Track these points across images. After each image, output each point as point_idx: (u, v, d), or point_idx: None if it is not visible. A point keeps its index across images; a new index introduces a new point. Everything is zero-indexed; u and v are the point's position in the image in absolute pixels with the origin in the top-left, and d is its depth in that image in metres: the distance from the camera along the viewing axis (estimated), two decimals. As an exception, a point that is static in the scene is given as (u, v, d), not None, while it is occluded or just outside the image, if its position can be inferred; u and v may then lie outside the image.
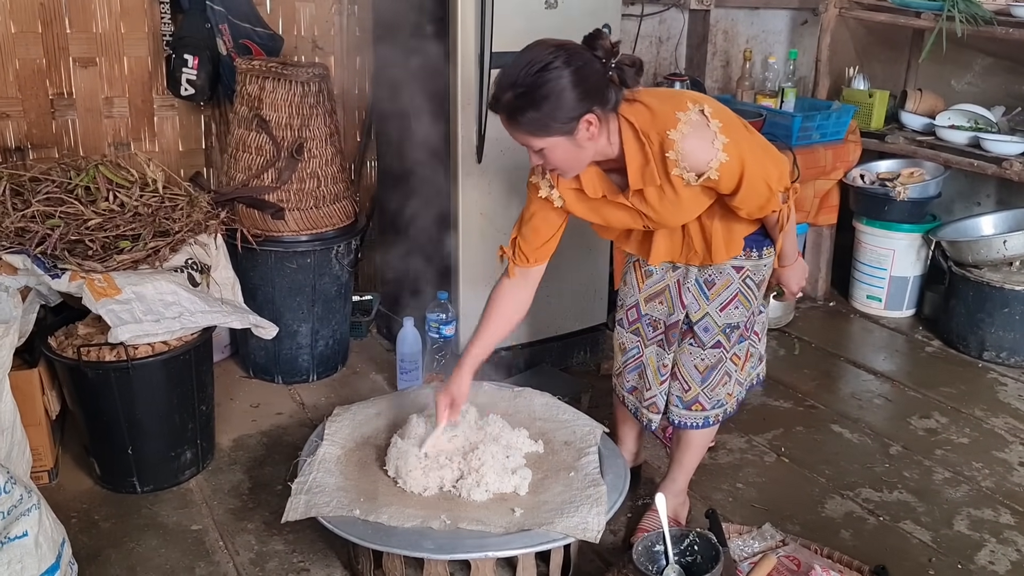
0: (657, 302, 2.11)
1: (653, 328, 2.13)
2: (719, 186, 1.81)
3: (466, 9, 2.53)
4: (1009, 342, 3.29)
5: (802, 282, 2.19)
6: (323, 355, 2.95)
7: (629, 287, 2.16)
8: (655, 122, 1.76)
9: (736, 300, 2.05)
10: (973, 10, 3.37)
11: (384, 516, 1.89)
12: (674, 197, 1.83)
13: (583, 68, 1.66)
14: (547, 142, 1.71)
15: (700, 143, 1.75)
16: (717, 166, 1.76)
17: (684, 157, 1.75)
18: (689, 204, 1.86)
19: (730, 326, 2.06)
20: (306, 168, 2.72)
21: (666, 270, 2.09)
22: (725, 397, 2.14)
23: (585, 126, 1.70)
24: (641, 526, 2.22)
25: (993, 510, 2.41)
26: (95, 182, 2.40)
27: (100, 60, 2.89)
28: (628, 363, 2.20)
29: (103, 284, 2.15)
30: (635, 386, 2.21)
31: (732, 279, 2.03)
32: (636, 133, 1.77)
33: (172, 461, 2.35)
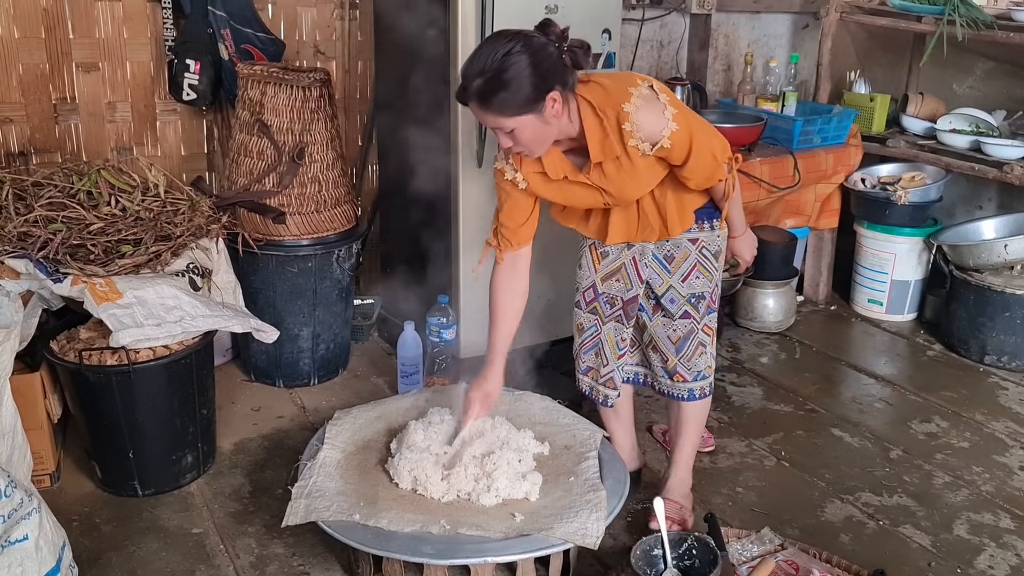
0: (614, 280, 2.22)
1: (611, 305, 2.24)
2: (671, 155, 1.94)
3: (466, 15, 2.54)
4: (1010, 346, 3.29)
5: (753, 251, 2.33)
6: (324, 359, 2.96)
7: (585, 270, 2.27)
8: (610, 98, 1.90)
9: (696, 271, 2.18)
10: (974, 14, 3.38)
11: (384, 520, 1.90)
12: (631, 168, 1.96)
13: (541, 50, 1.80)
14: (518, 121, 1.83)
15: (652, 114, 1.90)
16: (668, 134, 1.90)
17: (639, 128, 1.89)
18: (645, 175, 1.99)
19: (695, 296, 2.19)
20: (307, 172, 2.73)
21: (621, 249, 2.20)
22: (705, 369, 2.26)
23: (551, 103, 1.82)
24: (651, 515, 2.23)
25: (993, 514, 2.41)
26: (97, 187, 2.41)
27: (103, 65, 2.90)
28: (585, 343, 2.30)
29: (104, 288, 2.16)
30: (591, 366, 2.31)
31: (689, 251, 2.16)
32: (594, 110, 1.91)
33: (173, 465, 2.36)
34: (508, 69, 1.76)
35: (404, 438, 2.13)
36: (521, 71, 1.77)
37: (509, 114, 1.81)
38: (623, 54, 3.74)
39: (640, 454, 2.52)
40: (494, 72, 1.77)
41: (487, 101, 1.80)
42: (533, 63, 1.78)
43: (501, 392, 2.22)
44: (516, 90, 1.78)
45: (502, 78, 1.77)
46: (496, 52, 1.78)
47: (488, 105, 1.80)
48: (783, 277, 3.55)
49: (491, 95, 1.79)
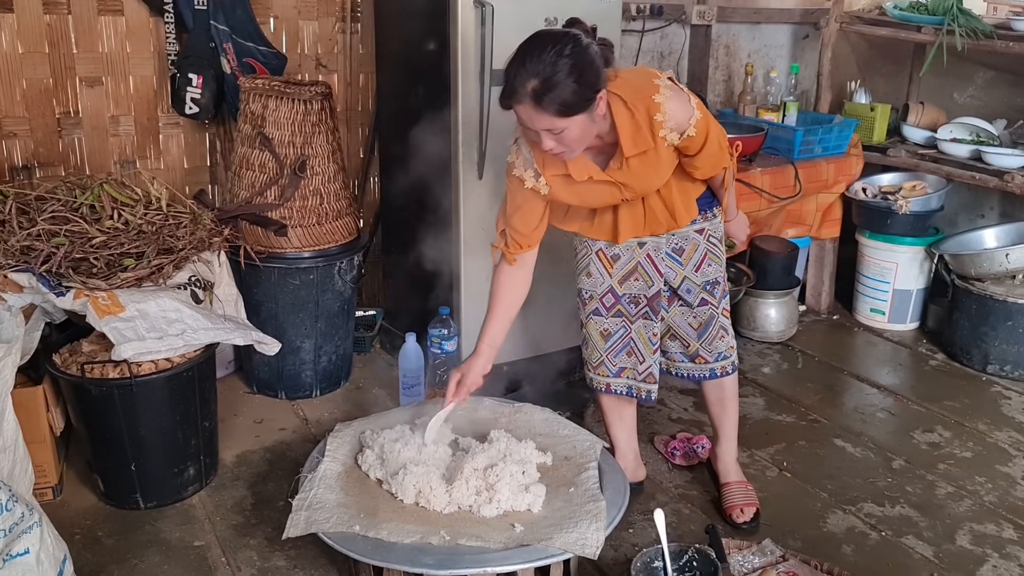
0: (632, 279, 2.24)
1: (635, 304, 2.25)
2: (693, 143, 1.99)
3: (466, 27, 2.56)
4: (1013, 355, 3.28)
5: (747, 230, 2.45)
6: (326, 371, 2.96)
7: (597, 277, 2.27)
8: (639, 91, 1.92)
9: (707, 259, 2.24)
10: (973, 24, 3.39)
11: (384, 532, 1.90)
12: (656, 160, 1.99)
13: (588, 49, 1.81)
14: (570, 122, 1.82)
15: (680, 104, 1.94)
16: (695, 123, 1.95)
17: (671, 117, 1.92)
18: (666, 166, 2.03)
19: (709, 282, 2.25)
20: (309, 185, 2.74)
21: (632, 248, 2.21)
22: (727, 350, 2.32)
23: (600, 101, 1.84)
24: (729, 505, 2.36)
25: (996, 525, 2.40)
26: (100, 200, 2.42)
27: (106, 79, 2.92)
28: (615, 346, 2.30)
29: (107, 302, 2.17)
30: (624, 366, 2.31)
31: (698, 242, 2.23)
32: (624, 103, 1.91)
33: (175, 477, 2.37)
34: (562, 70, 1.76)
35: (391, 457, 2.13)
36: (573, 71, 1.77)
37: (564, 114, 1.80)
38: (624, 66, 3.74)
39: (642, 464, 2.52)
40: (550, 73, 1.76)
41: (541, 102, 1.78)
42: (583, 63, 1.79)
43: (479, 382, 2.21)
44: (570, 90, 1.77)
45: (557, 79, 1.76)
46: (547, 53, 1.77)
47: (542, 106, 1.79)
48: (785, 287, 3.55)
49: (546, 95, 1.77)
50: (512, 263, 2.17)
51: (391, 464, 2.11)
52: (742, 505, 2.35)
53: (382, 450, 2.17)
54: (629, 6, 3.61)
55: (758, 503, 2.38)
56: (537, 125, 1.85)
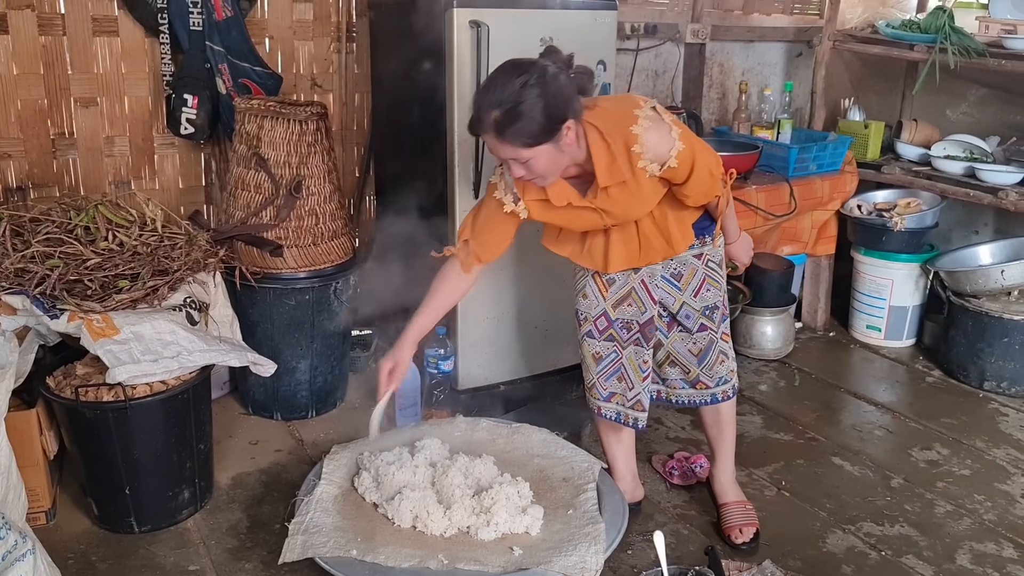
0: (626, 305, 2.22)
1: (627, 330, 2.23)
2: (676, 174, 1.96)
3: (462, 47, 2.56)
4: (1009, 372, 3.28)
5: (750, 252, 2.39)
6: (322, 391, 2.95)
7: (592, 299, 2.26)
8: (616, 121, 1.91)
9: (706, 283, 2.22)
10: (965, 42, 3.41)
11: (381, 556, 1.89)
12: (636, 190, 1.98)
13: (555, 79, 1.81)
14: (535, 152, 1.83)
15: (660, 135, 1.92)
16: (676, 154, 1.92)
17: (648, 149, 1.91)
18: (648, 195, 2.01)
19: (708, 307, 2.23)
20: (304, 205, 2.74)
21: (628, 274, 2.21)
22: (728, 374, 2.30)
23: (567, 131, 1.85)
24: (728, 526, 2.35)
25: (996, 544, 2.40)
26: (94, 222, 2.41)
27: (101, 100, 2.92)
28: (605, 370, 2.28)
29: (101, 324, 2.16)
30: (614, 391, 2.29)
31: (696, 267, 2.21)
32: (600, 134, 1.91)
33: (170, 501, 2.34)
34: (525, 100, 1.77)
35: (385, 480, 2.11)
36: (537, 102, 1.77)
37: (526, 145, 1.81)
38: (619, 84, 3.76)
39: (640, 484, 2.51)
40: (511, 104, 1.77)
41: (503, 133, 1.80)
42: (549, 93, 1.79)
43: (407, 367, 2.23)
44: (533, 121, 1.78)
45: (519, 109, 1.77)
46: (512, 83, 1.78)
47: (504, 137, 1.81)
48: (781, 304, 3.55)
49: (508, 127, 1.79)
50: (467, 272, 2.16)
51: (386, 488, 2.10)
52: (741, 525, 2.34)
53: (377, 473, 2.16)
54: (623, 25, 3.62)
55: (758, 523, 2.37)
56: (502, 155, 1.87)
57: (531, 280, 2.89)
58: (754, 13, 4.15)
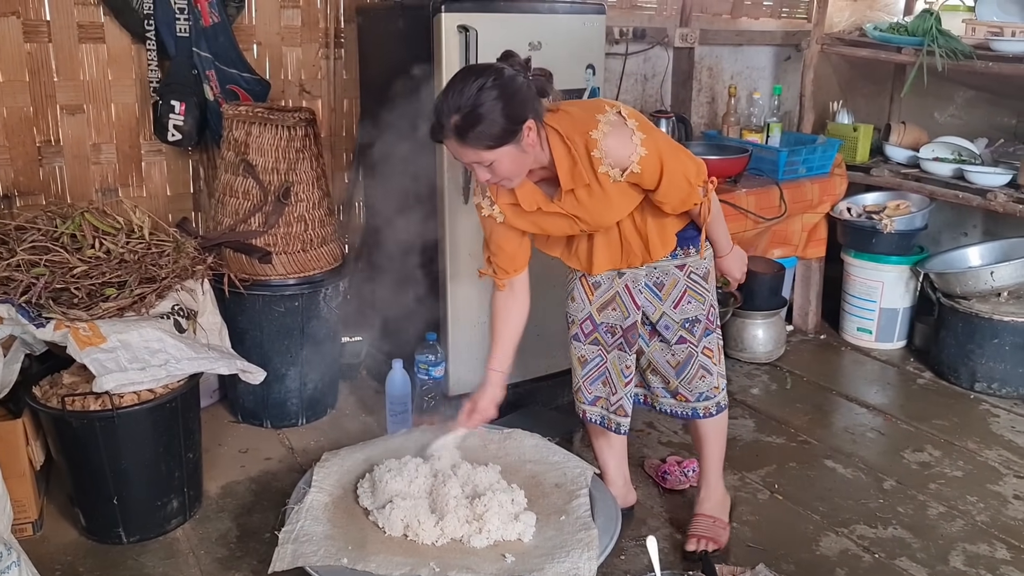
0: (610, 309, 2.21)
1: (611, 334, 2.22)
2: (642, 180, 1.96)
3: (450, 52, 2.55)
4: (1000, 373, 3.29)
5: (743, 267, 2.30)
6: (312, 398, 2.93)
7: (579, 302, 2.26)
8: (577, 126, 1.92)
9: (687, 296, 2.18)
10: (952, 45, 3.42)
11: (372, 564, 1.87)
12: (602, 195, 1.97)
13: (512, 81, 1.83)
14: (497, 153, 1.84)
15: (620, 140, 1.91)
16: (638, 159, 1.91)
17: (607, 154, 1.91)
18: (618, 200, 2.00)
19: (688, 320, 2.19)
20: (293, 212, 2.73)
21: (612, 278, 2.20)
22: (710, 390, 2.24)
23: (527, 132, 1.85)
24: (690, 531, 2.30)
25: (989, 545, 2.39)
26: (81, 230, 2.39)
27: (87, 107, 2.90)
28: (590, 374, 2.28)
29: (88, 333, 2.14)
30: (599, 395, 2.28)
31: (678, 278, 2.18)
32: (561, 138, 1.92)
33: (158, 510, 2.32)
34: (483, 103, 1.78)
35: (380, 487, 2.10)
36: (496, 103, 1.79)
37: (488, 147, 1.82)
38: (607, 88, 3.76)
39: (633, 489, 2.50)
40: (470, 107, 1.79)
41: (465, 136, 1.81)
42: (507, 94, 1.80)
43: (492, 411, 2.23)
44: (493, 123, 1.79)
45: (478, 112, 1.79)
46: (469, 87, 1.80)
47: (466, 140, 1.82)
48: (772, 307, 3.55)
49: (468, 130, 1.80)
50: (501, 288, 2.17)
51: (379, 495, 2.08)
52: (701, 536, 2.28)
53: (374, 479, 2.15)
54: (612, 29, 3.62)
55: (722, 542, 2.29)
56: (465, 159, 1.88)
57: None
58: (742, 17, 4.16)
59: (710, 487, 2.39)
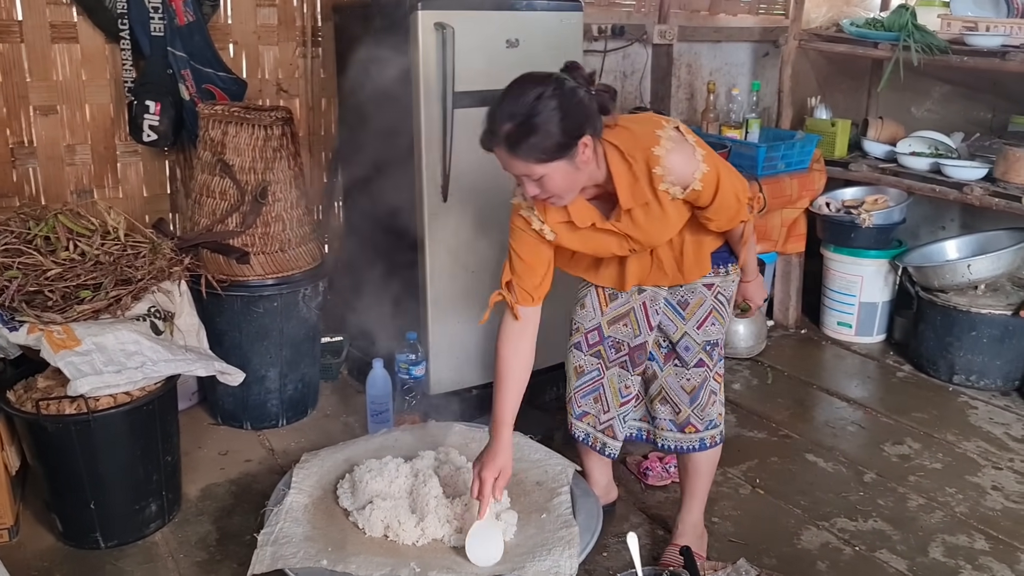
0: (621, 324, 2.14)
1: (616, 350, 2.15)
2: (700, 198, 1.87)
3: (427, 50, 2.54)
4: (978, 365, 3.31)
5: (765, 293, 2.29)
6: (292, 399, 2.91)
7: (589, 310, 2.18)
8: (638, 142, 1.83)
9: (711, 317, 2.10)
10: (928, 40, 3.44)
11: (352, 566, 1.86)
12: (660, 213, 1.88)
13: (572, 94, 1.73)
14: (548, 168, 1.75)
15: (683, 157, 1.83)
16: (700, 176, 1.84)
17: (670, 171, 1.82)
18: (673, 219, 1.92)
19: (709, 343, 2.12)
20: (271, 212, 2.71)
21: (631, 293, 2.12)
22: (717, 417, 2.19)
23: (583, 148, 1.76)
24: (663, 560, 2.21)
25: (968, 536, 2.41)
26: (55, 232, 2.36)
27: (61, 108, 2.86)
28: (583, 387, 2.21)
29: (62, 336, 2.11)
30: (587, 411, 2.22)
31: (705, 297, 2.09)
32: (621, 155, 1.83)
33: (136, 514, 2.30)
34: (539, 114, 1.69)
35: (360, 488, 2.09)
36: (552, 116, 1.69)
37: (539, 160, 1.72)
38: (587, 85, 3.76)
39: (615, 486, 2.49)
40: (524, 117, 1.69)
41: (516, 147, 1.72)
42: (565, 107, 1.70)
43: (511, 467, 2.01)
44: (547, 135, 1.70)
45: (533, 123, 1.69)
46: (526, 96, 1.70)
47: (517, 151, 1.72)
48: (752, 303, 3.56)
49: (521, 141, 1.71)
50: (517, 318, 2.01)
51: (360, 496, 2.07)
52: (677, 566, 2.13)
53: (354, 480, 2.13)
54: (591, 27, 3.62)
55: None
56: (514, 170, 1.78)
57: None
58: (720, 14, 4.17)
59: (691, 522, 2.29)
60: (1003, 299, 3.33)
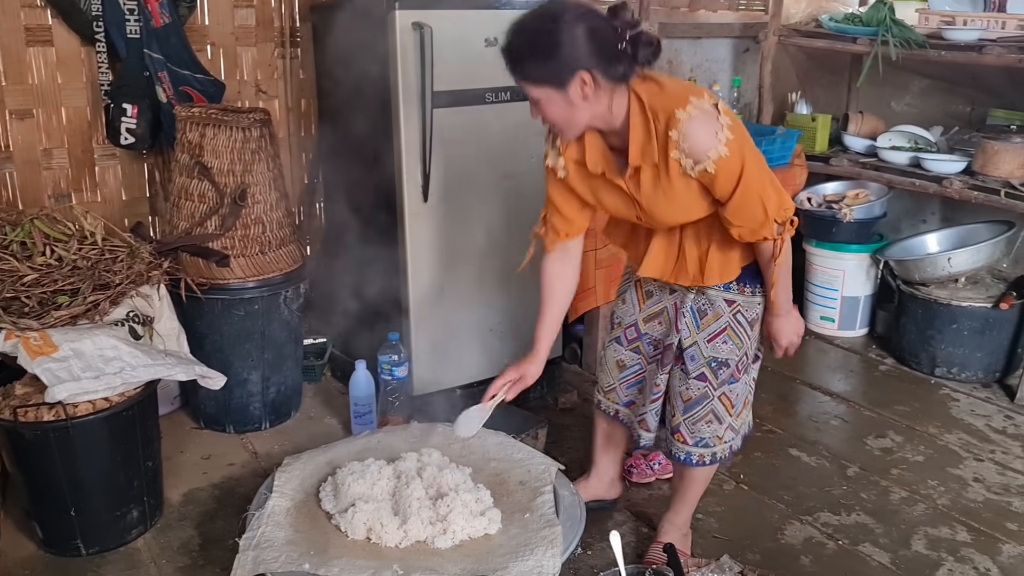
0: (656, 322, 2.14)
1: (653, 347, 2.16)
2: (715, 185, 1.79)
3: (405, 49, 2.53)
4: (959, 358, 3.33)
5: (794, 338, 2.07)
6: (275, 402, 2.90)
7: (629, 305, 2.18)
8: (665, 100, 1.77)
9: (724, 334, 2.02)
10: (906, 34, 3.46)
11: (335, 569, 1.85)
12: (667, 184, 1.82)
13: (592, 28, 1.69)
14: (540, 92, 1.75)
15: (704, 129, 1.74)
16: (716, 158, 1.74)
17: (685, 139, 1.74)
18: (682, 198, 1.84)
19: (716, 360, 2.04)
20: (250, 214, 2.69)
21: (663, 291, 2.11)
22: (712, 439, 2.11)
23: (579, 84, 1.72)
24: (647, 558, 2.21)
25: (950, 528, 2.43)
26: (31, 237, 2.34)
27: (37, 112, 2.84)
28: (628, 378, 2.22)
29: (39, 342, 2.09)
30: (633, 400, 2.23)
31: (722, 312, 2.01)
32: (643, 108, 1.78)
33: (118, 521, 2.28)
34: (546, 35, 1.69)
35: (342, 490, 2.08)
36: (557, 40, 1.67)
37: (533, 83, 1.74)
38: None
39: (619, 483, 2.49)
40: (532, 34, 1.71)
41: (516, 63, 1.74)
42: (575, 37, 1.67)
43: (536, 378, 2.13)
44: (543, 58, 1.70)
45: (536, 42, 1.70)
46: (544, 16, 1.71)
47: (516, 67, 1.75)
48: (735, 298, 3.57)
49: (521, 58, 1.73)
50: (551, 251, 2.06)
51: (342, 499, 2.06)
52: (657, 562, 2.12)
53: (336, 482, 2.13)
54: (571, 24, 3.62)
55: None
56: (518, 85, 1.78)
57: (484, 283, 2.87)
58: (700, 10, 4.17)
59: (677, 523, 2.28)
60: (983, 292, 3.35)
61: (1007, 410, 3.14)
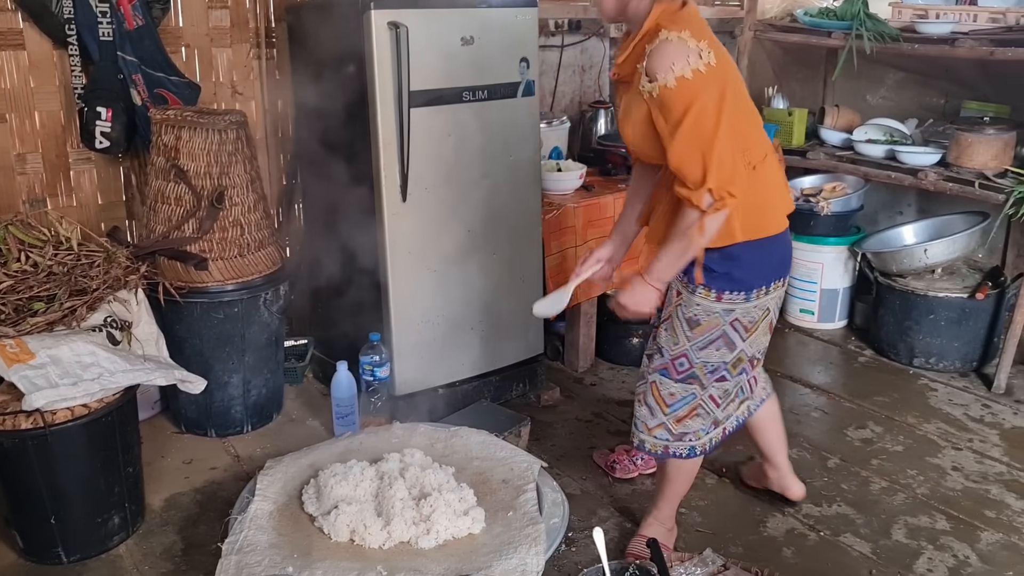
0: None
1: None
2: (659, 113, 1.79)
3: (381, 49, 2.52)
4: (937, 348, 3.37)
5: (629, 305, 1.94)
6: (257, 405, 2.88)
7: None
8: (667, 19, 1.81)
9: (666, 323, 2.04)
10: (880, 28, 3.49)
11: (319, 571, 1.85)
12: (629, 95, 1.88)
13: None
14: None
15: (669, 55, 1.75)
16: (663, 83, 1.75)
17: (651, 56, 1.78)
18: (634, 114, 1.85)
19: (656, 344, 2.07)
20: (228, 216, 2.67)
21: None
22: (640, 423, 2.10)
23: None
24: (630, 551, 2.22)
25: (929, 517, 2.45)
26: (5, 243, 2.32)
27: (10, 116, 2.81)
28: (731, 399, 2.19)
29: (15, 349, 2.07)
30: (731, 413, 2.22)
31: (671, 301, 2.02)
32: (654, 25, 1.83)
33: (99, 527, 2.26)
34: None
35: (325, 493, 2.08)
36: None
37: None
38: (545, 80, 3.77)
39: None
40: None
41: None
42: None
43: (619, 263, 2.14)
44: None
45: None
46: None
47: None
48: (715, 293, 3.58)
49: None
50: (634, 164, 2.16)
51: (325, 501, 2.06)
52: (639, 556, 2.14)
53: (319, 484, 2.12)
54: (547, 21, 3.63)
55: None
56: None
57: (464, 281, 2.87)
58: (677, 6, 4.18)
59: (660, 518, 2.27)
60: (959, 282, 3.39)
61: (984, 399, 3.18)
